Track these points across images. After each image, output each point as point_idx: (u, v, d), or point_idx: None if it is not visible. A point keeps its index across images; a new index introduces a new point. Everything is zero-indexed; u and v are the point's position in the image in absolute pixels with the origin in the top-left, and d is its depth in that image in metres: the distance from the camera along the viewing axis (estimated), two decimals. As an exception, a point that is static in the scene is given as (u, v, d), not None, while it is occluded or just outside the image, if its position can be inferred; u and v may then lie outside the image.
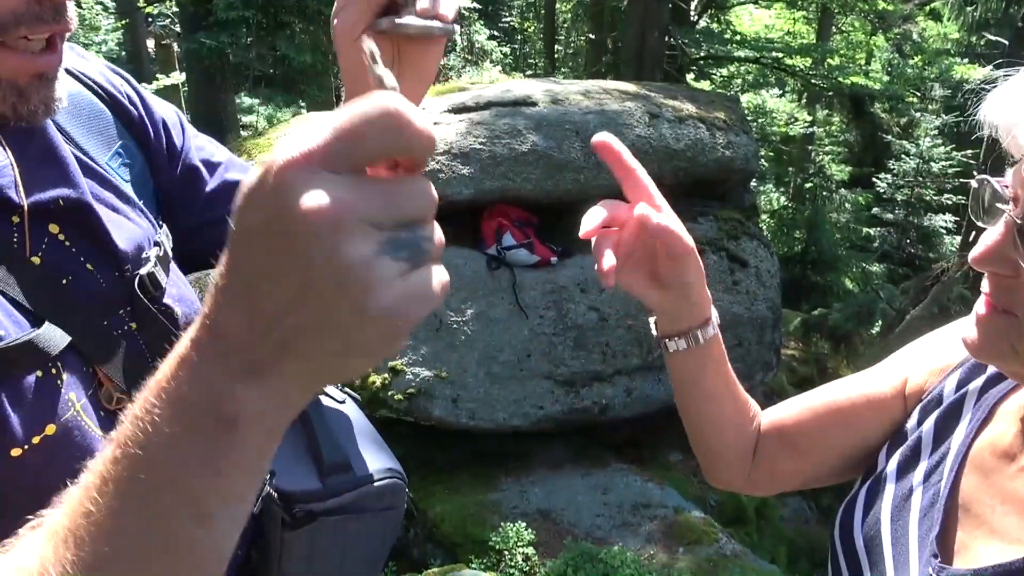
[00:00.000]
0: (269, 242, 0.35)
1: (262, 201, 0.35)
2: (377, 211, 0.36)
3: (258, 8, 7.11)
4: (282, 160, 0.35)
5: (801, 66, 10.06)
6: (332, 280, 0.35)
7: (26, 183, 0.69)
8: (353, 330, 0.36)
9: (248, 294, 0.37)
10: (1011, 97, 0.64)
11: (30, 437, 0.64)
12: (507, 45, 17.08)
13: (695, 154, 4.23)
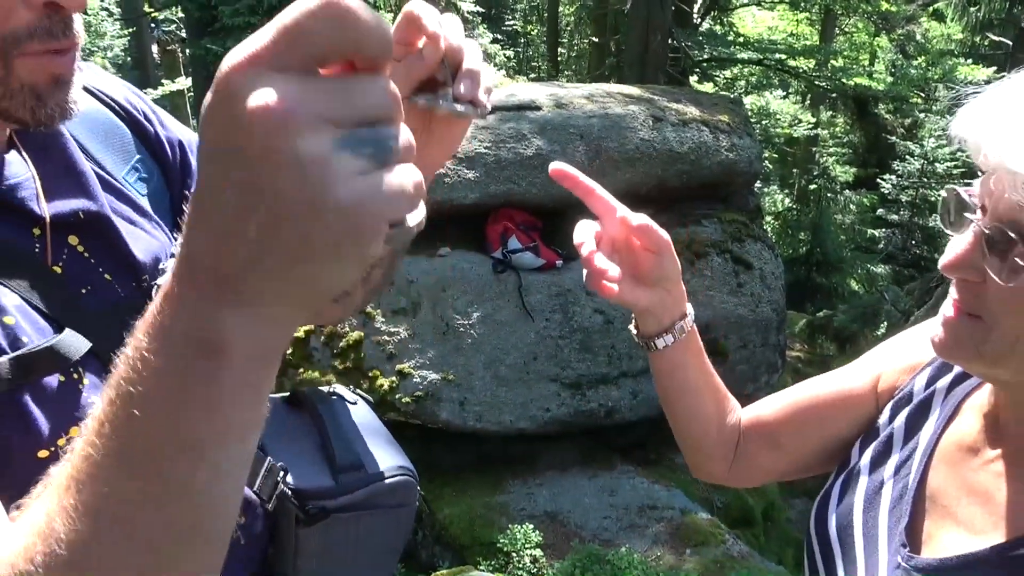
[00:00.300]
0: (224, 153, 0.35)
1: (214, 112, 0.35)
2: (330, 107, 0.35)
3: (264, 13, 7.15)
4: (227, 65, 0.34)
5: (804, 68, 10.07)
6: (287, 179, 0.34)
7: (47, 196, 0.71)
8: (312, 229, 0.35)
9: (211, 211, 0.36)
10: (978, 114, 0.68)
11: (55, 439, 0.66)
12: (510, 48, 17.11)
13: (699, 157, 4.25)
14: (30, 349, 0.65)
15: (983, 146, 0.66)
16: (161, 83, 8.78)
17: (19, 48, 0.61)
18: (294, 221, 0.35)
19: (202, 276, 0.38)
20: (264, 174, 0.34)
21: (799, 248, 10.32)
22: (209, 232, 0.37)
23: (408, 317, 3.63)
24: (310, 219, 0.35)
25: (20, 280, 0.67)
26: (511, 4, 19.43)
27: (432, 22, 0.59)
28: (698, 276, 4.05)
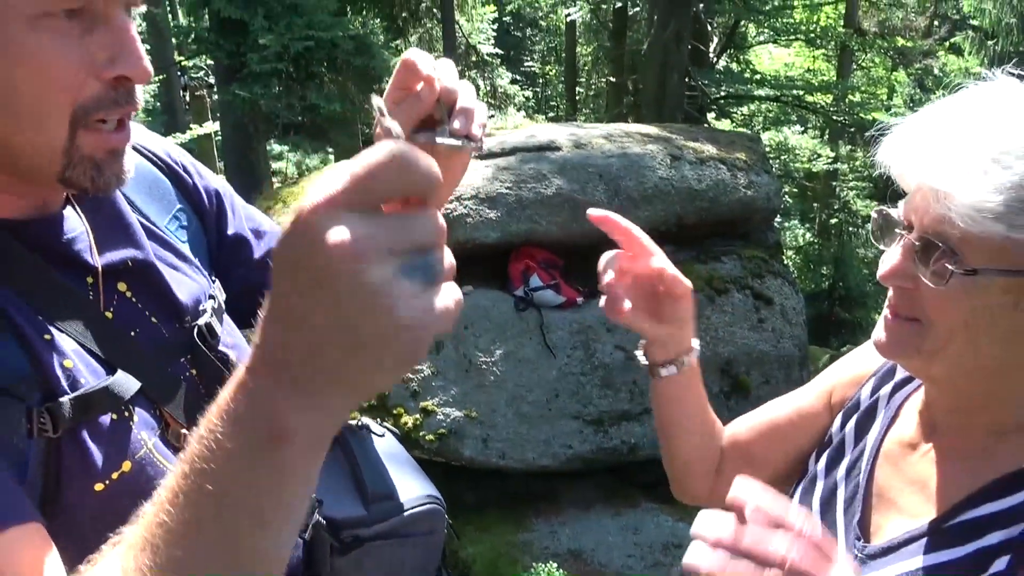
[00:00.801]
0: (303, 275, 0.41)
1: (295, 241, 0.41)
2: (392, 240, 0.41)
3: (290, 60, 7.37)
4: (309, 205, 0.41)
5: (822, 103, 10.14)
6: (358, 301, 0.40)
7: (99, 247, 0.77)
8: (380, 344, 0.41)
9: (288, 321, 0.43)
10: (900, 141, 0.77)
11: (110, 473, 0.71)
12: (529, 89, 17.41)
13: (717, 194, 4.29)
14: (88, 389, 0.70)
15: (906, 168, 0.76)
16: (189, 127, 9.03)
17: (88, 118, 0.67)
18: (363, 338, 0.41)
19: (275, 373, 0.44)
20: (339, 296, 0.40)
21: (821, 283, 10.26)
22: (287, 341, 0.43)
23: (432, 355, 3.68)
24: (378, 337, 0.41)
25: (76, 325, 0.72)
26: (529, 46, 19.81)
27: (427, 67, 0.66)
28: (719, 312, 4.07)
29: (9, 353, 0.66)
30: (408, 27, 12.09)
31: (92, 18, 0.65)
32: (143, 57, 0.69)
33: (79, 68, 0.65)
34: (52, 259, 0.73)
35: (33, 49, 0.62)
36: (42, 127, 0.66)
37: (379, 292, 0.40)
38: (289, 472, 0.45)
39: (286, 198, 4.34)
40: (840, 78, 12.40)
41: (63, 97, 0.65)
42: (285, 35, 7.25)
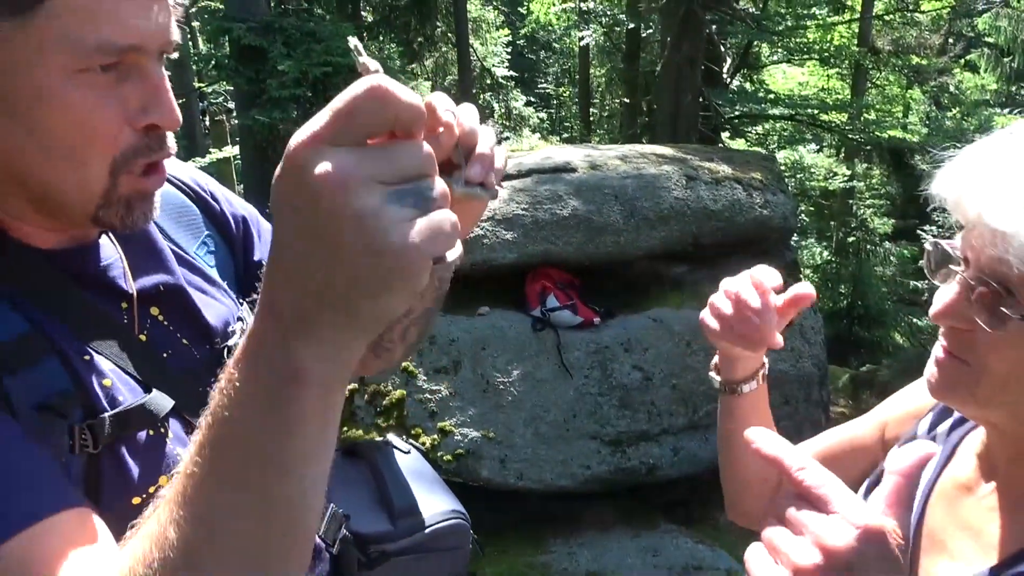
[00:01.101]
0: (294, 213, 0.43)
1: (284, 179, 0.43)
2: (378, 169, 0.43)
3: (308, 86, 7.49)
4: (294, 143, 0.43)
5: (837, 121, 10.12)
6: (348, 229, 0.42)
7: (132, 273, 0.81)
8: (375, 272, 0.43)
9: (285, 261, 0.45)
10: (956, 173, 0.74)
11: (147, 487, 0.74)
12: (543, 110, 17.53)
13: (732, 214, 4.30)
14: (126, 406, 0.73)
15: (962, 203, 0.72)
16: (209, 151, 9.18)
17: (127, 166, 0.71)
18: (353, 264, 0.43)
19: (280, 314, 0.46)
20: (330, 227, 0.42)
21: (839, 301, 10.19)
22: (286, 281, 0.45)
23: (449, 375, 3.69)
24: (372, 263, 0.43)
25: (113, 348, 0.75)
26: (543, 68, 19.98)
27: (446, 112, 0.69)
28: (736, 332, 4.05)
29: (52, 372, 0.69)
30: (423, 51, 12.26)
31: (126, 70, 0.68)
32: (173, 107, 0.72)
33: (115, 118, 0.68)
34: (89, 286, 0.77)
35: (72, 101, 0.66)
36: (83, 173, 0.69)
37: (368, 218, 0.42)
38: (308, 413, 0.47)
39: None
40: (855, 96, 12.39)
41: (102, 147, 0.69)
42: (303, 61, 7.37)
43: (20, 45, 0.63)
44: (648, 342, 3.89)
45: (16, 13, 0.62)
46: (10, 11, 0.62)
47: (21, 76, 0.64)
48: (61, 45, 0.64)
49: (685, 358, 3.90)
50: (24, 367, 0.67)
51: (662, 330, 3.93)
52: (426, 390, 3.67)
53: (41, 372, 0.68)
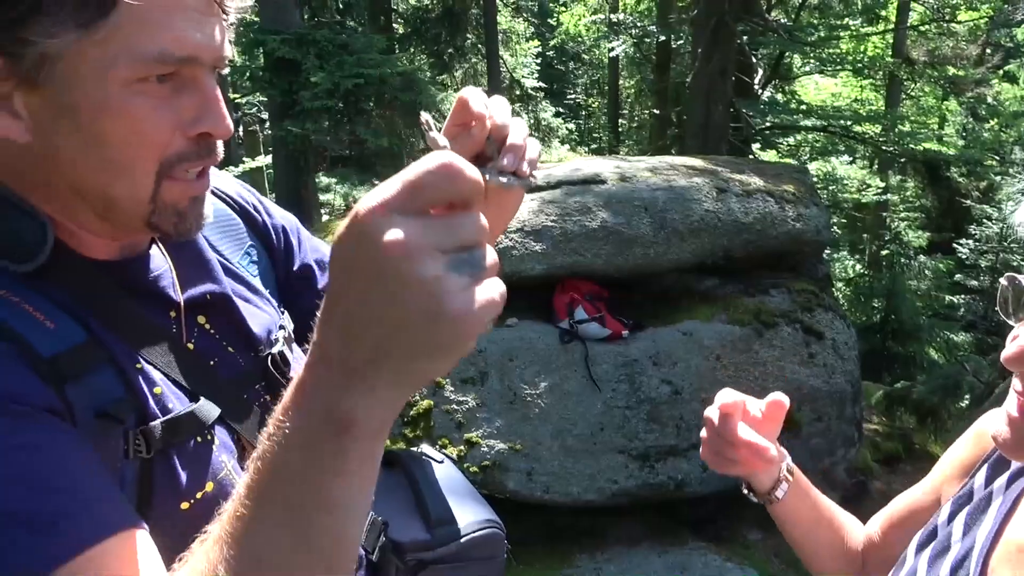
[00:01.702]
0: (358, 273, 0.45)
1: (350, 241, 0.46)
2: (440, 239, 0.45)
3: (340, 98, 7.58)
4: (364, 208, 0.45)
5: (871, 133, 9.98)
6: (410, 295, 0.44)
7: (181, 282, 0.83)
8: (430, 334, 0.45)
9: (343, 316, 0.47)
10: None
11: (194, 492, 0.76)
12: (572, 121, 17.55)
13: (764, 227, 4.25)
14: (177, 413, 0.75)
15: None
16: (242, 160, 9.33)
17: (172, 171, 0.73)
18: (415, 328, 0.45)
19: (333, 367, 0.48)
20: (394, 291, 0.45)
21: (873, 316, 10.00)
22: (342, 333, 0.47)
23: (476, 386, 3.69)
24: (429, 327, 0.45)
25: (162, 356, 0.77)
26: (572, 79, 20.01)
27: (479, 104, 0.70)
28: (767, 347, 4.00)
29: (107, 380, 0.71)
30: (454, 63, 12.36)
31: (182, 81, 0.71)
32: (226, 116, 0.74)
33: (168, 127, 0.70)
34: (140, 295, 0.79)
35: (129, 110, 0.68)
36: (131, 178, 0.71)
37: (429, 286, 0.44)
38: (354, 459, 0.49)
39: (335, 229, 4.43)
40: (889, 108, 12.21)
41: (151, 152, 0.71)
42: (336, 73, 7.46)
43: (85, 58, 0.65)
44: (677, 355, 3.85)
45: (81, 27, 0.64)
46: (75, 25, 0.64)
47: (84, 88, 0.66)
48: (121, 57, 0.66)
49: (715, 372, 3.85)
50: (84, 375, 0.69)
51: (692, 343, 3.89)
52: (453, 401, 3.67)
53: (99, 380, 0.70)
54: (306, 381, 0.50)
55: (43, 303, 0.70)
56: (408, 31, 12.18)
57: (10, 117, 0.67)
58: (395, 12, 12.36)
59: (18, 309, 0.68)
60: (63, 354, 0.68)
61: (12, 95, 0.67)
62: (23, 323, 0.67)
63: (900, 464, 5.54)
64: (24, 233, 0.71)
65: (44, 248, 0.71)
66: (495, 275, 0.48)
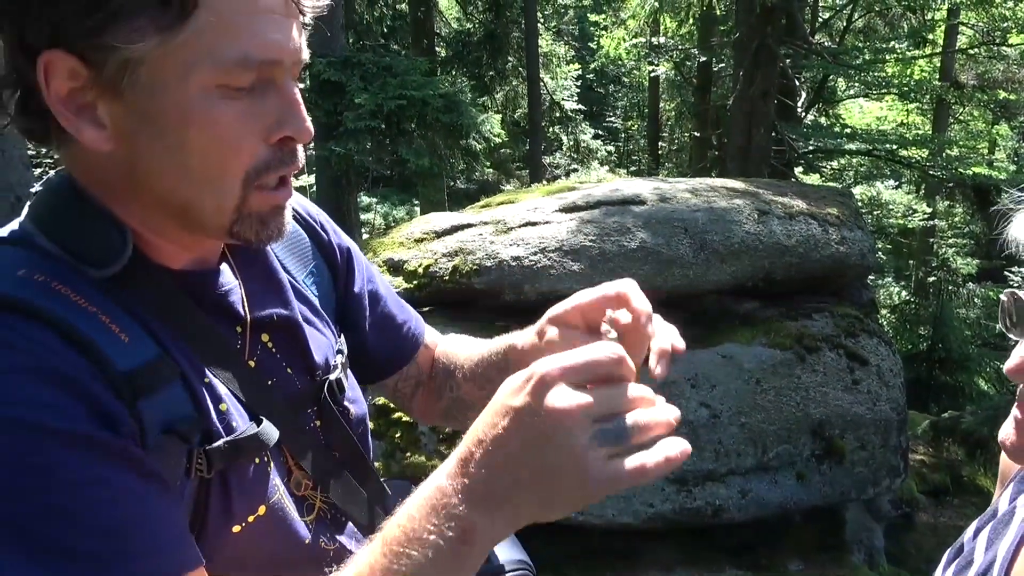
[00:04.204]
0: (524, 425, 0.56)
1: (523, 392, 0.57)
2: (596, 409, 0.56)
3: (383, 118, 7.72)
4: (544, 370, 0.56)
5: (917, 157, 9.79)
6: (563, 457, 0.55)
7: (249, 300, 0.82)
8: (568, 492, 0.56)
9: (502, 453, 0.57)
10: None
11: (247, 515, 0.74)
12: (611, 143, 17.57)
13: (807, 250, 4.19)
14: (240, 434, 0.73)
15: None
16: (287, 180, 9.52)
17: (259, 179, 0.72)
18: (557, 483, 0.56)
19: (472, 485, 0.58)
20: (550, 448, 0.55)
21: (919, 344, 9.74)
22: (490, 463, 0.58)
23: (512, 405, 3.68)
24: (570, 487, 0.56)
25: (226, 371, 0.76)
26: (612, 102, 20.07)
27: (642, 309, 0.79)
28: (809, 371, 3.92)
29: (177, 396, 0.70)
30: (494, 85, 12.50)
31: (263, 85, 0.69)
32: (306, 119, 0.73)
33: (251, 134, 0.70)
34: (208, 308, 0.78)
35: (213, 117, 0.67)
36: (218, 188, 0.70)
37: (581, 453, 0.55)
38: (467, 564, 0.59)
39: (376, 248, 4.49)
40: (936, 132, 11.98)
41: (237, 162, 0.70)
42: (379, 95, 7.61)
43: (167, 63, 0.64)
44: (716, 378, 3.80)
45: (160, 33, 0.63)
46: (156, 29, 0.63)
47: (166, 94, 0.65)
48: (203, 61, 0.65)
49: (755, 396, 3.79)
50: (156, 391, 0.68)
51: (731, 367, 3.84)
52: (489, 419, 3.67)
53: (170, 396, 0.69)
54: (443, 488, 0.59)
55: (118, 313, 0.69)
56: (450, 54, 12.37)
57: (93, 127, 0.67)
58: (438, 36, 12.58)
59: (96, 321, 0.67)
60: (138, 370, 0.67)
61: (96, 104, 0.66)
62: (101, 335, 0.66)
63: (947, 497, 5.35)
64: (105, 239, 0.70)
65: (123, 255, 0.70)
66: (643, 437, 0.57)
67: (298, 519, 0.80)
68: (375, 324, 1.02)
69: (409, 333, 1.06)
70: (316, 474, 0.83)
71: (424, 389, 1.09)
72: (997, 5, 9.71)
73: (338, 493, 0.86)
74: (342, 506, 0.86)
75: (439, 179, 9.55)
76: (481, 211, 4.59)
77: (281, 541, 0.78)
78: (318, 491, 0.84)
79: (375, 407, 3.62)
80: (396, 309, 1.06)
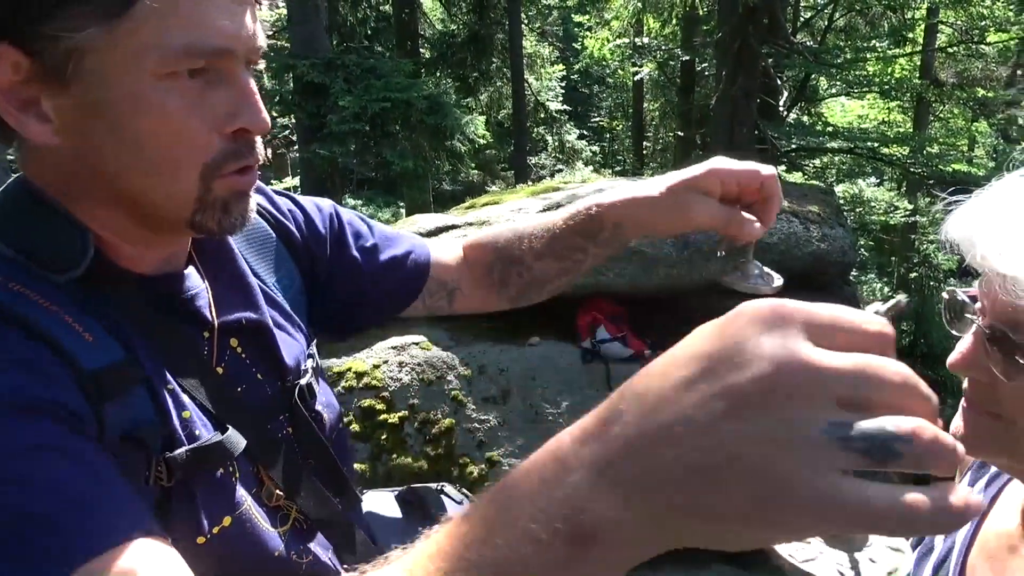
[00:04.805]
0: (714, 374, 0.33)
1: (728, 333, 0.34)
2: (844, 385, 0.32)
3: (367, 121, 7.72)
4: (773, 304, 0.34)
5: (898, 155, 9.89)
6: (779, 441, 0.31)
7: (217, 305, 0.80)
8: (761, 502, 0.32)
9: (664, 409, 0.35)
10: (967, 217, 0.70)
11: (212, 527, 0.71)
12: (596, 143, 17.62)
13: (788, 247, 4.23)
14: (204, 443, 0.71)
15: (972, 248, 0.68)
16: (271, 183, 9.51)
17: (218, 172, 0.70)
18: (747, 487, 0.32)
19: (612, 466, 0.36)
20: (756, 423, 0.32)
21: (902, 339, 9.84)
22: (648, 435, 0.35)
23: (498, 405, 3.70)
24: (766, 494, 0.32)
25: (192, 378, 0.74)
26: (596, 102, 20.13)
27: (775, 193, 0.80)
28: (792, 367, 3.96)
29: (140, 401, 0.68)
30: (479, 86, 12.51)
31: (215, 76, 0.67)
32: (262, 110, 0.71)
33: (203, 124, 0.68)
34: (174, 312, 0.76)
35: (162, 106, 0.65)
36: (173, 179, 0.69)
37: (798, 444, 0.31)
38: None
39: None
40: (917, 129, 12.10)
41: (192, 153, 0.68)
42: (363, 97, 7.61)
43: (111, 52, 0.63)
44: (700, 376, 3.83)
45: (104, 20, 0.61)
46: (98, 18, 0.61)
47: (112, 85, 0.64)
48: (149, 50, 0.63)
49: (739, 393, 3.83)
50: (119, 395, 0.65)
51: (715, 364, 3.87)
52: (475, 419, 3.68)
53: (132, 401, 0.67)
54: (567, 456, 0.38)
55: (81, 315, 0.66)
56: (434, 56, 12.36)
57: (38, 121, 0.65)
58: (422, 37, 12.57)
59: (59, 319, 0.64)
60: (103, 370, 0.64)
61: (39, 97, 0.64)
62: (65, 334, 0.64)
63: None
64: (65, 242, 0.68)
65: (85, 258, 0.68)
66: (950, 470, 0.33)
67: (268, 530, 0.77)
68: (378, 271, 1.01)
69: (413, 264, 1.04)
70: (287, 484, 0.81)
71: (480, 287, 1.09)
72: (975, 4, 9.83)
73: (310, 503, 0.83)
74: (314, 516, 0.83)
75: (424, 181, 9.54)
76: (466, 212, 4.61)
77: (249, 553, 0.75)
78: (286, 500, 0.81)
79: (360, 409, 3.62)
80: (396, 247, 1.04)
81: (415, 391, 3.71)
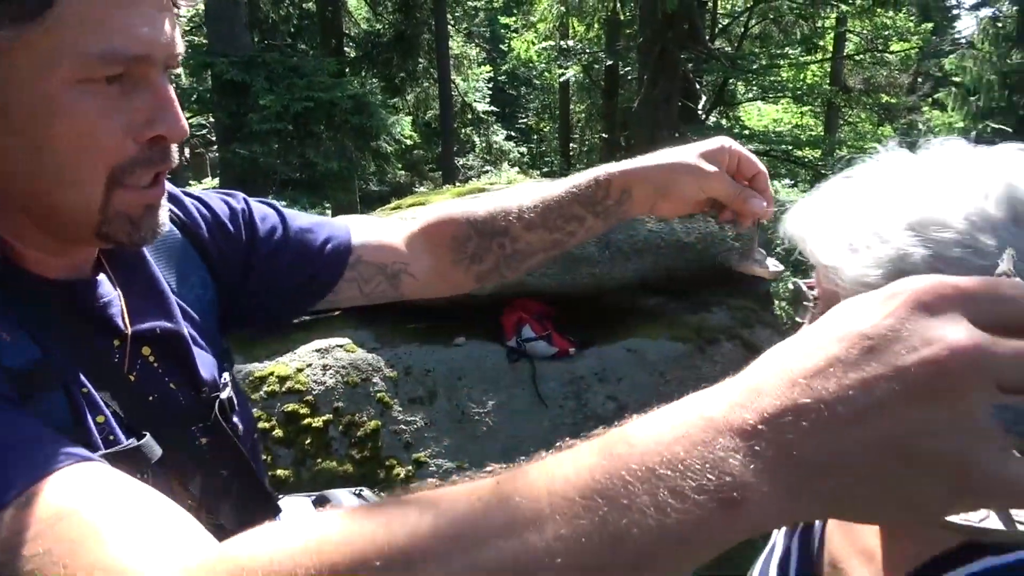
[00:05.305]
0: (873, 353, 0.33)
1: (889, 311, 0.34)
2: (1010, 370, 0.32)
3: (290, 120, 7.56)
4: (938, 283, 0.34)
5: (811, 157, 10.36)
6: (941, 427, 0.32)
7: (130, 313, 0.79)
8: (925, 481, 0.33)
9: (830, 382, 0.34)
10: (800, 215, 0.76)
11: None
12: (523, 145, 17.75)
13: (706, 246, 4.38)
14: (122, 447, 0.70)
15: (803, 242, 0.74)
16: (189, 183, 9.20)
17: (124, 179, 0.69)
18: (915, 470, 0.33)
19: (768, 441, 0.35)
20: (921, 404, 0.32)
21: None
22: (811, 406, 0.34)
23: (425, 406, 3.70)
24: (939, 471, 0.33)
25: (104, 384, 0.73)
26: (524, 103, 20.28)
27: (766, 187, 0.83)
28: (709, 362, 4.11)
29: (57, 406, 0.67)
30: (405, 87, 12.43)
31: (132, 82, 0.66)
32: (180, 118, 0.70)
33: (118, 130, 0.66)
34: (86, 318, 0.75)
35: (75, 112, 0.64)
36: (79, 188, 0.67)
37: (970, 430, 0.32)
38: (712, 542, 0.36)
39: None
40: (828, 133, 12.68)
41: (100, 159, 0.66)
42: (286, 96, 7.46)
43: (22, 56, 0.61)
44: (622, 372, 3.92)
45: (17, 22, 0.59)
46: (12, 20, 0.59)
47: (23, 88, 0.62)
48: (64, 55, 0.61)
49: (659, 387, 3.94)
50: (38, 395, 0.65)
51: (636, 360, 3.97)
52: (401, 421, 3.67)
53: (48, 403, 0.66)
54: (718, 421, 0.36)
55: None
56: (360, 55, 12.21)
57: None
58: (347, 36, 12.40)
59: None
60: (25, 369, 0.64)
61: None
62: None
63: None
64: None
65: None
66: None
67: None
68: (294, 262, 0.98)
69: (332, 251, 1.00)
70: (203, 495, 0.80)
71: (442, 265, 1.04)
72: (879, 15, 10.38)
73: (228, 515, 0.82)
74: (232, 528, 0.81)
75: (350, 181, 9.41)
76: (391, 213, 4.58)
77: None
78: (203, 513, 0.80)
79: (283, 414, 3.56)
80: (313, 235, 1.00)
81: (340, 394, 3.67)
